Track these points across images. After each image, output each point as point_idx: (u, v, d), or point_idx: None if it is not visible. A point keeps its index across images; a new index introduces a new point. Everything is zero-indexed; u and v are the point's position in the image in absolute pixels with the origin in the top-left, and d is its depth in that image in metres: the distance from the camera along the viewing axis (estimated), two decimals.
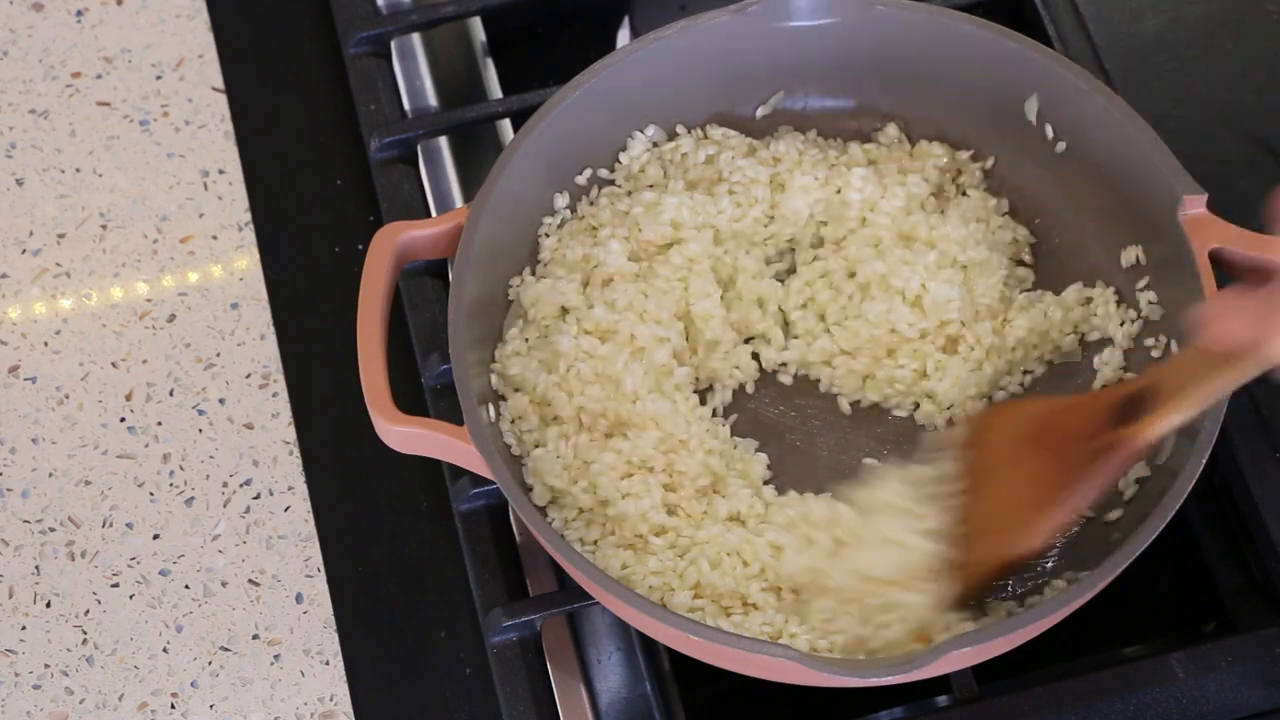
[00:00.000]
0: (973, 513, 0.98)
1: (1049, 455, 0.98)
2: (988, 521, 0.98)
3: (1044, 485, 0.97)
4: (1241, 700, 0.99)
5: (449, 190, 1.18)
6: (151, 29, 1.27)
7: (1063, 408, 1.00)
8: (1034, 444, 0.99)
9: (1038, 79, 1.06)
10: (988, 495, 0.99)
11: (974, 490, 0.99)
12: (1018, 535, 0.97)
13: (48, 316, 1.18)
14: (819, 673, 0.90)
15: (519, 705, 1.00)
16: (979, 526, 0.98)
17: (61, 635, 1.08)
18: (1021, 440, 0.99)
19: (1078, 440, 0.96)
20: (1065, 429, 0.98)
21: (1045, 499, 0.97)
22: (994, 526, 0.98)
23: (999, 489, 0.99)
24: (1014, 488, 0.98)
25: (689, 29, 1.07)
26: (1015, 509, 0.98)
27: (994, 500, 0.98)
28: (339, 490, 1.10)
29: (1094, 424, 0.96)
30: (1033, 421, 1.00)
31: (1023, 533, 0.97)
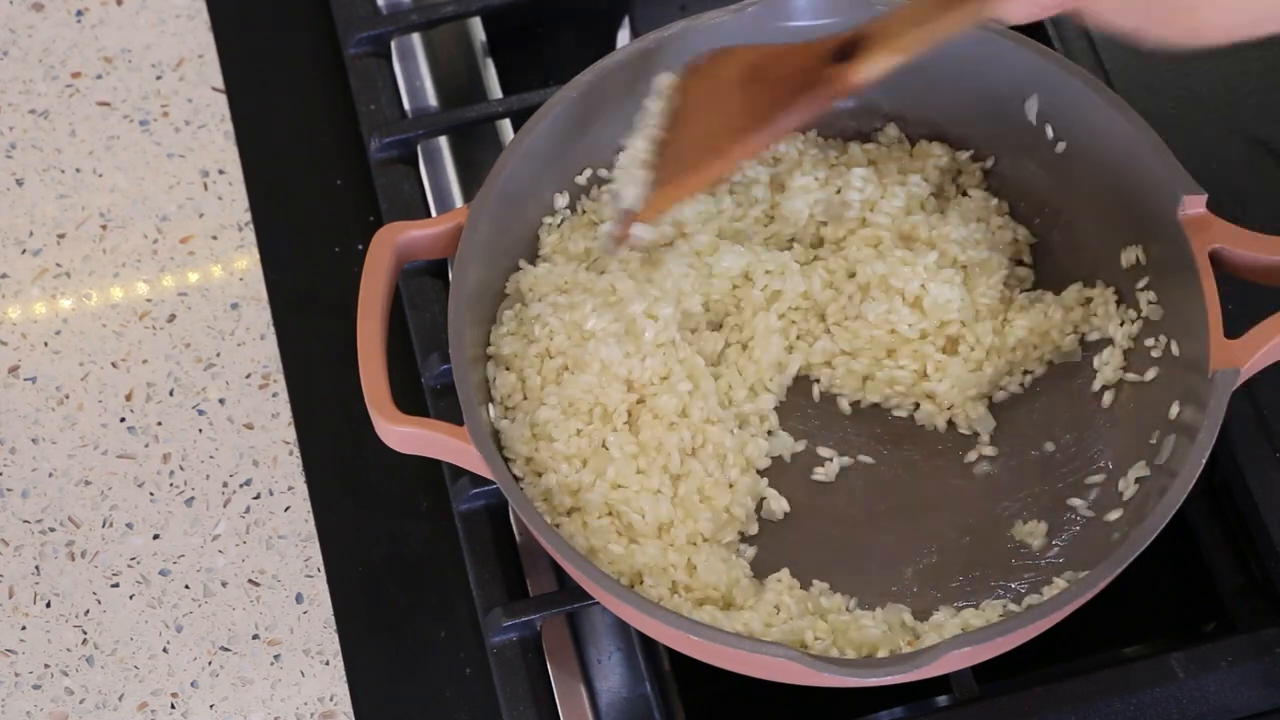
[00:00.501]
0: (677, 138, 1.01)
1: (759, 90, 0.99)
2: (687, 147, 1.00)
3: (748, 114, 0.99)
4: (1241, 700, 0.99)
5: (449, 190, 1.18)
6: (151, 29, 1.27)
7: (777, 52, 1.01)
8: (745, 83, 1.00)
9: (1038, 79, 1.06)
10: (692, 126, 1.01)
11: (680, 123, 1.01)
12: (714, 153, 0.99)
13: (48, 316, 1.18)
14: (819, 673, 0.90)
15: (519, 705, 1.00)
16: (676, 153, 1.00)
17: (61, 635, 1.08)
18: (732, 80, 1.01)
19: (788, 78, 0.98)
20: (777, 70, 0.99)
21: (747, 125, 0.98)
22: (691, 150, 1.00)
23: (704, 119, 1.00)
24: (720, 117, 1.00)
25: (689, 29, 1.07)
26: (719, 132, 0.99)
27: (697, 130, 1.00)
28: (339, 490, 1.10)
29: (807, 65, 0.98)
30: (744, 63, 1.01)
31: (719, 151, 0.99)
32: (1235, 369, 0.95)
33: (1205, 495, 1.07)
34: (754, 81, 0.99)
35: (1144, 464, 1.00)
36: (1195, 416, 0.96)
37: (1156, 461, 1.00)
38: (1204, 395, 0.95)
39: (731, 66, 1.01)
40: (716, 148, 0.99)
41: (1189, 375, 0.99)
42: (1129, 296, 1.05)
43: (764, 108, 0.98)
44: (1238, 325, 0.97)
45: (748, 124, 0.98)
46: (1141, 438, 1.01)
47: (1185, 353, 1.01)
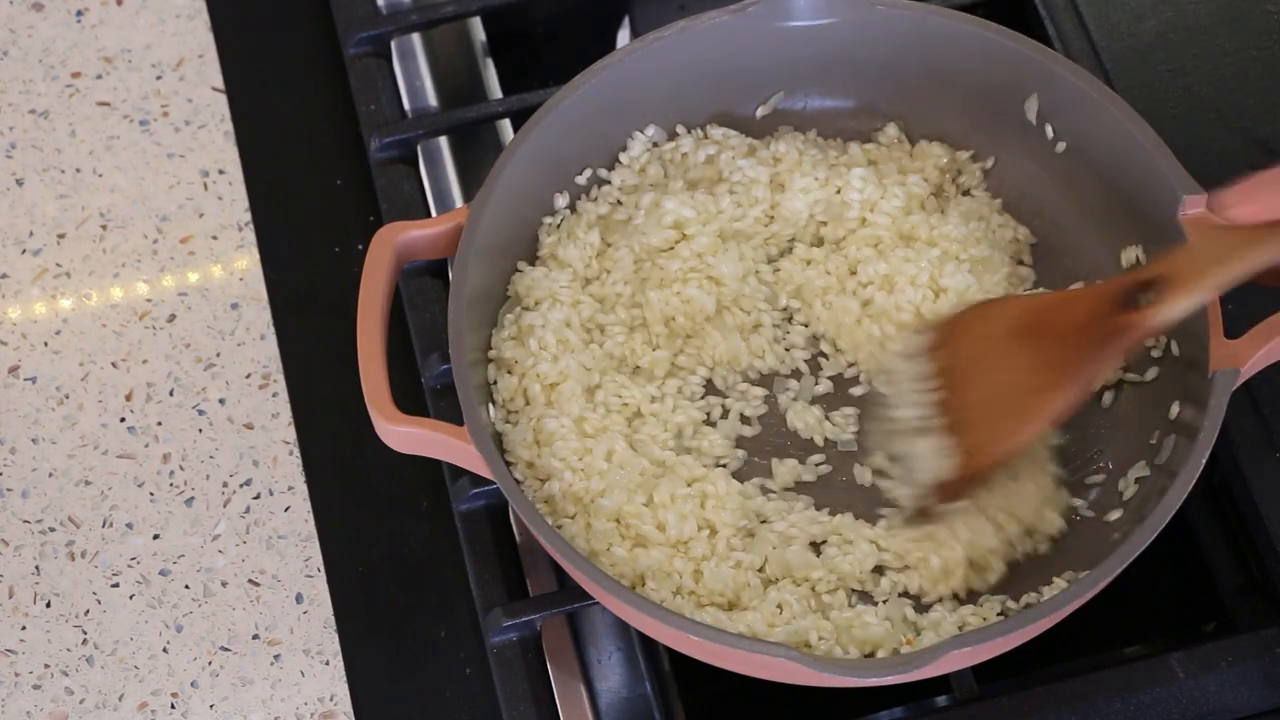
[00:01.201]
0: (961, 404, 0.99)
1: (1045, 344, 0.97)
2: (982, 409, 0.98)
3: (1043, 370, 0.97)
4: (1241, 700, 0.99)
5: (449, 190, 1.18)
6: (151, 29, 1.27)
7: (1058, 300, 1.00)
8: (1025, 336, 0.98)
9: (1038, 79, 1.06)
10: (978, 386, 0.99)
11: (959, 384, 0.99)
12: (1022, 417, 0.97)
13: (48, 316, 1.18)
14: (819, 673, 0.90)
15: (519, 705, 1.00)
16: (971, 416, 0.98)
17: (61, 635, 1.08)
18: (1010, 334, 0.99)
19: (1077, 330, 0.96)
20: (1062, 320, 0.98)
21: (1046, 382, 0.96)
22: (991, 413, 0.98)
23: (991, 379, 0.99)
24: (1010, 375, 0.98)
25: (689, 29, 1.07)
26: (1014, 394, 0.98)
27: (986, 389, 0.98)
28: (339, 490, 1.10)
29: (1096, 313, 0.96)
30: (1022, 315, 1.00)
31: (1026, 414, 0.97)
32: (1235, 369, 0.95)
33: (1205, 495, 1.07)
34: (1036, 335, 0.98)
35: (1144, 464, 1.00)
36: (1195, 416, 0.96)
37: (1156, 461, 1.00)
38: (1204, 395, 0.95)
39: (1001, 321, 1.00)
40: (1019, 410, 0.97)
41: (1189, 375, 0.99)
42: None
43: (1060, 362, 0.96)
44: (1238, 325, 0.97)
45: (1048, 381, 0.96)
46: (1141, 438, 1.01)
47: (1185, 353, 1.01)
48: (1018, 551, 1.01)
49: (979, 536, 1.00)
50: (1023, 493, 1.01)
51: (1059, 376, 0.97)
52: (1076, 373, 0.97)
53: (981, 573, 1.00)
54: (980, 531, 1.00)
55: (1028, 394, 0.97)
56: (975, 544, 1.00)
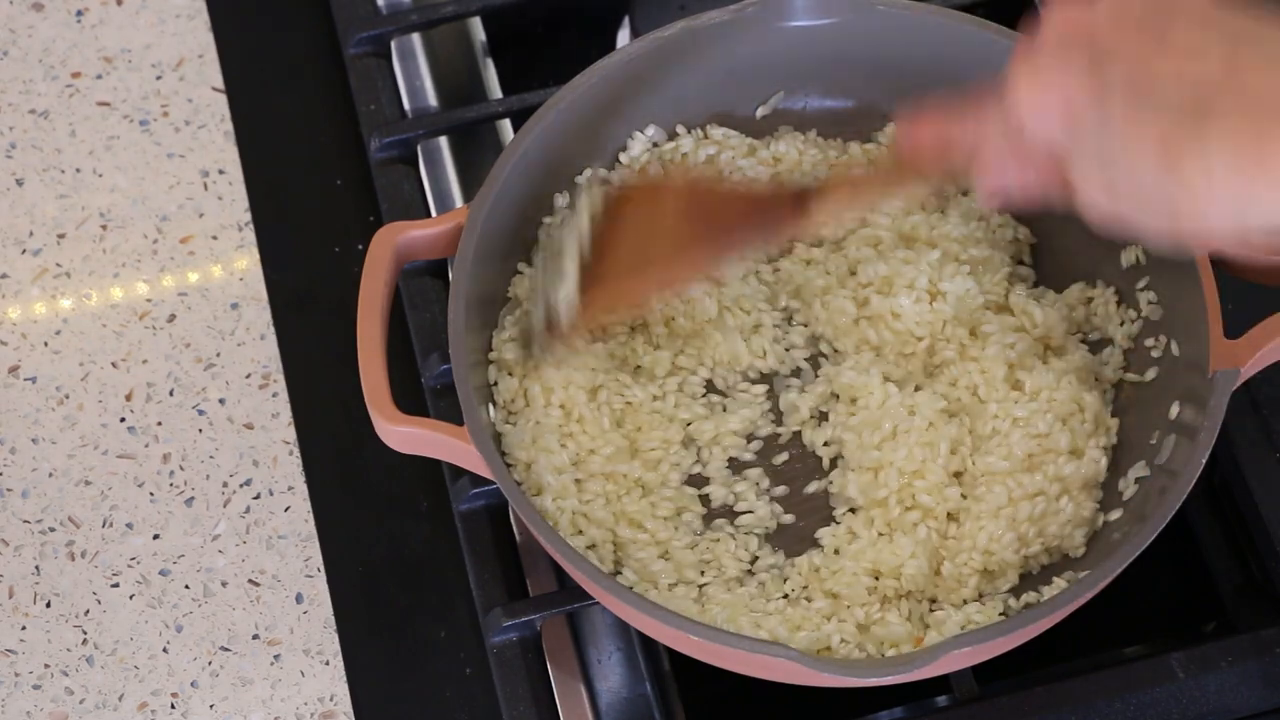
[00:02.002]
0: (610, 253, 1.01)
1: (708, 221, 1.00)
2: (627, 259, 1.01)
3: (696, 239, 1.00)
4: (1241, 700, 0.99)
5: (449, 190, 1.18)
6: (151, 29, 1.27)
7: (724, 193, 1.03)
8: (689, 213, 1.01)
9: None
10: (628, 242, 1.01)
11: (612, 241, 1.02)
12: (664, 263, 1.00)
13: (48, 316, 1.18)
14: (819, 673, 0.90)
15: (519, 705, 1.00)
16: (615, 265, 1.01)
17: (61, 635, 1.08)
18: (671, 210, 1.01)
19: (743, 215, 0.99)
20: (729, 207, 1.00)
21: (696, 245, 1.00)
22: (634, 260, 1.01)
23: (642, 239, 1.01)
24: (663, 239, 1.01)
25: (689, 29, 1.07)
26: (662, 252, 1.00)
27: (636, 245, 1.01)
28: (339, 490, 1.10)
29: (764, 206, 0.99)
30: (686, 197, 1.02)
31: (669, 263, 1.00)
32: (1235, 369, 0.95)
33: (1205, 495, 1.07)
34: (701, 215, 1.00)
35: (1144, 464, 1.00)
36: (1195, 416, 0.96)
37: (1156, 461, 0.99)
38: (1204, 395, 0.95)
39: (669, 199, 1.02)
40: (660, 262, 1.00)
41: (1189, 375, 0.99)
42: (1129, 296, 1.05)
43: (715, 235, 0.99)
44: (1238, 325, 0.97)
45: (696, 245, 0.99)
46: (1141, 438, 1.01)
47: (1185, 353, 1.00)
48: (1035, 566, 1.00)
49: (1000, 550, 0.99)
50: (1060, 512, 1.00)
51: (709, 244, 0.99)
52: (726, 243, 0.99)
53: (993, 579, 1.00)
54: (1003, 545, 1.00)
55: (672, 253, 1.00)
56: (994, 556, 1.00)
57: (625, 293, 1.01)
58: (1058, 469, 1.01)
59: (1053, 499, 1.00)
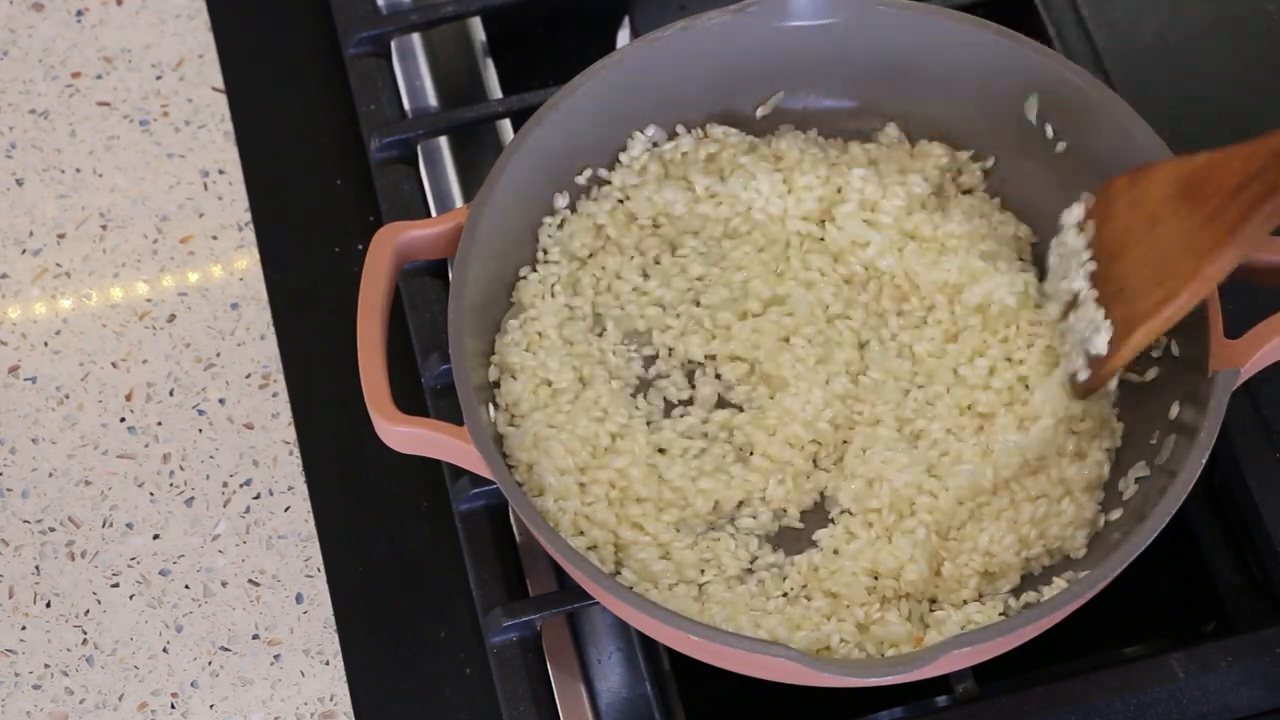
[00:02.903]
0: (1115, 275, 0.98)
1: (1201, 206, 0.94)
2: (1136, 280, 0.97)
3: (1199, 232, 0.94)
4: (1241, 700, 0.99)
5: (449, 190, 1.18)
6: (151, 29, 1.27)
7: (1211, 161, 0.96)
8: (1180, 199, 0.95)
9: (1038, 79, 1.06)
10: (1131, 256, 0.97)
11: (1119, 253, 0.98)
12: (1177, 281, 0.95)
13: (48, 316, 1.18)
14: (819, 673, 0.90)
15: (519, 705, 1.00)
16: (1125, 287, 0.97)
17: (61, 635, 1.08)
18: (1164, 199, 0.96)
19: (1235, 188, 0.93)
20: (1217, 180, 0.94)
21: (1203, 244, 0.93)
22: (1144, 283, 0.96)
23: (1144, 247, 0.96)
24: (1164, 241, 0.95)
25: (689, 29, 1.07)
26: (1168, 260, 0.95)
27: (1139, 259, 0.96)
28: (339, 490, 1.10)
29: (1252, 169, 0.92)
30: (1172, 179, 0.97)
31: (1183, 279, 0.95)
32: (1235, 369, 0.95)
33: (1205, 495, 1.07)
34: (1195, 196, 0.95)
35: (1144, 464, 1.00)
36: (1195, 416, 0.96)
37: (1156, 461, 0.99)
38: (1204, 395, 0.95)
39: (1156, 185, 0.97)
40: (1182, 271, 0.95)
41: (1189, 375, 0.99)
42: None
43: (1224, 219, 0.93)
44: (1238, 325, 0.97)
45: (1212, 239, 0.93)
46: (1141, 438, 1.01)
47: (1185, 353, 1.00)
48: (1036, 567, 1.00)
49: (1001, 552, 0.99)
50: (1062, 514, 1.00)
51: (1217, 237, 0.93)
52: (1236, 231, 0.93)
53: (993, 580, 1.00)
54: (1004, 547, 0.99)
55: (1183, 257, 0.94)
56: (994, 558, 0.99)
57: (1160, 310, 0.96)
58: (1061, 471, 1.01)
59: (1055, 501, 1.00)
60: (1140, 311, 0.97)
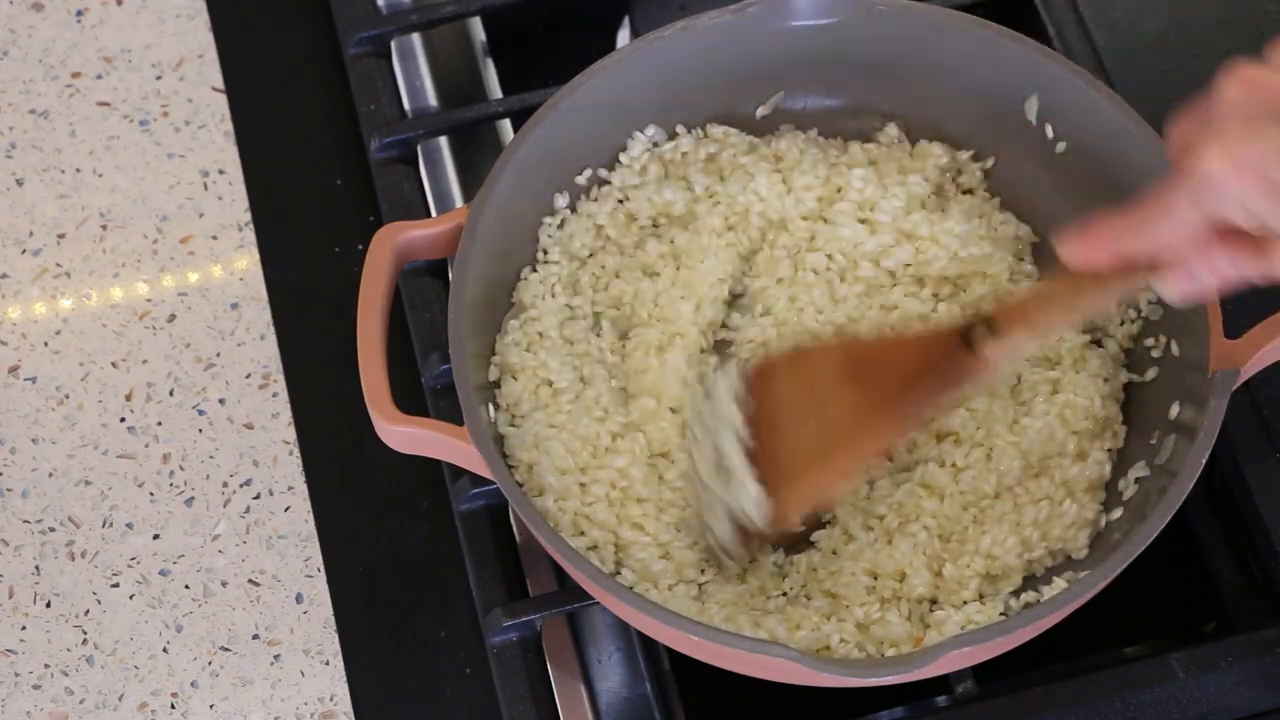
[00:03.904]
0: (779, 442, 0.97)
1: (877, 385, 0.96)
2: (798, 459, 0.97)
3: (871, 409, 0.95)
4: (1241, 700, 0.99)
5: (449, 190, 1.18)
6: (151, 29, 1.27)
7: (892, 343, 0.98)
8: (851, 377, 0.97)
9: (1038, 79, 1.06)
10: (795, 433, 0.97)
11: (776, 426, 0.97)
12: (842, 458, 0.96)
13: (48, 316, 1.18)
14: (819, 673, 0.90)
15: (519, 705, 1.00)
16: (785, 465, 0.96)
17: (61, 635, 1.08)
18: (832, 376, 0.97)
19: (913, 370, 0.95)
20: (896, 361, 0.96)
21: (873, 420, 0.95)
22: (806, 462, 0.96)
23: (810, 425, 0.97)
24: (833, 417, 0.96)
25: (689, 29, 1.07)
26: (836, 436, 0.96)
27: (804, 437, 0.97)
28: (339, 490, 1.10)
29: (933, 352, 0.94)
30: (842, 359, 0.98)
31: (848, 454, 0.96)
32: (1235, 369, 0.95)
33: (1205, 495, 1.07)
34: (866, 375, 0.96)
35: (1144, 464, 1.00)
36: (1195, 416, 0.96)
37: (1156, 461, 1.00)
38: (1204, 395, 0.95)
39: (824, 363, 0.98)
40: (842, 440, 0.96)
41: (1189, 375, 0.99)
42: (1128, 296, 1.05)
43: (890, 396, 0.95)
44: (1238, 325, 0.97)
45: (873, 411, 0.95)
46: (1141, 438, 1.01)
47: (1185, 353, 1.01)
48: (1038, 568, 1.00)
49: (1004, 554, 0.99)
50: (1064, 515, 1.00)
51: (889, 414, 0.95)
52: (908, 410, 0.95)
53: (995, 582, 1.00)
54: (1007, 549, 0.99)
55: (848, 429, 0.96)
56: (997, 560, 0.99)
57: (815, 484, 0.97)
58: (1063, 473, 1.01)
59: (1057, 503, 1.00)
60: (795, 478, 0.97)
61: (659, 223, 1.10)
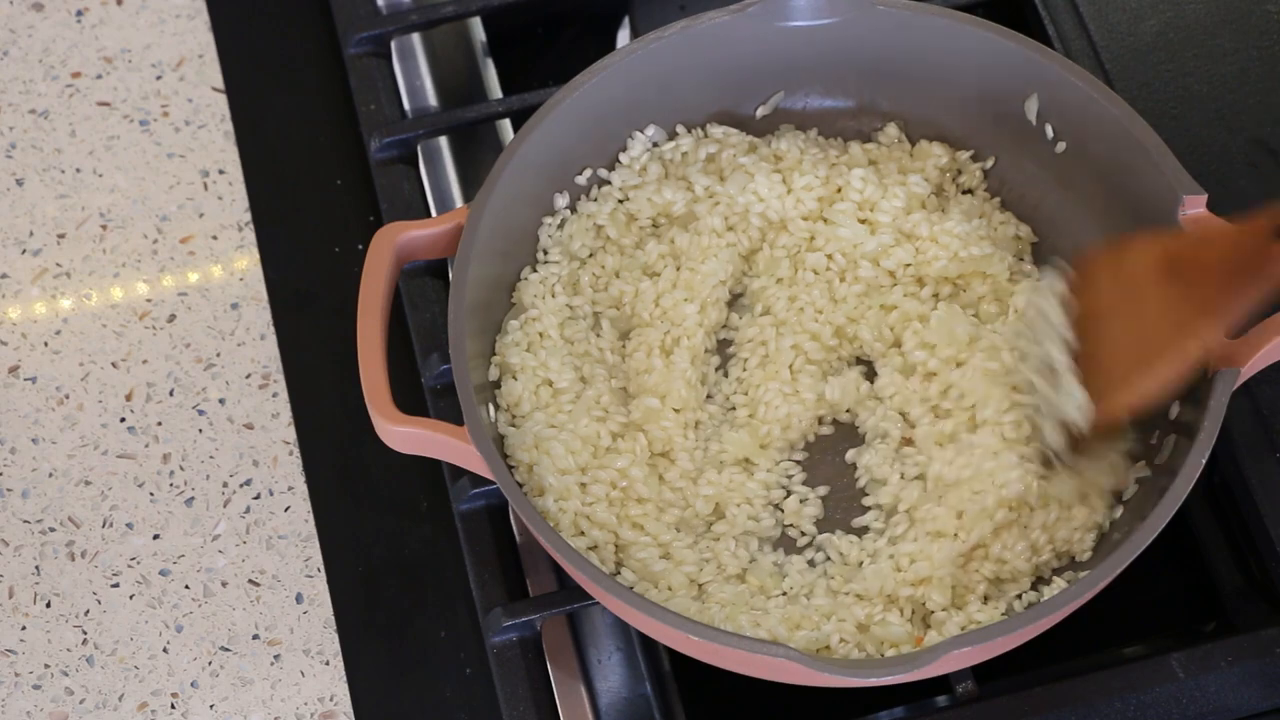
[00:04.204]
0: (1099, 352, 0.97)
1: (1190, 282, 0.95)
2: (1120, 357, 0.97)
3: (1187, 307, 0.95)
4: (1241, 700, 0.99)
5: (449, 190, 1.18)
6: (151, 29, 1.27)
7: (1202, 237, 0.97)
8: (1169, 275, 0.96)
9: (1038, 79, 1.06)
10: (1115, 333, 0.97)
11: (1099, 326, 0.98)
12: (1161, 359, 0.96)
13: (48, 316, 1.18)
14: (819, 673, 0.90)
15: (519, 705, 1.00)
16: (1107, 364, 0.97)
17: (61, 635, 1.08)
18: (1152, 275, 0.97)
19: (1225, 265, 0.94)
20: (1208, 256, 0.96)
21: (1189, 318, 0.95)
22: (1127, 361, 0.97)
23: (1129, 324, 0.97)
24: (1150, 317, 0.96)
25: (689, 29, 1.07)
26: (1154, 337, 0.96)
27: (1124, 336, 0.97)
28: (339, 490, 1.10)
29: (1243, 246, 0.94)
30: (1156, 256, 0.98)
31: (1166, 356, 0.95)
32: (1235, 369, 0.95)
33: (1205, 495, 1.07)
34: (1181, 272, 0.96)
35: (1144, 464, 1.00)
36: (1195, 416, 0.96)
37: (1156, 461, 1.00)
38: (1204, 395, 0.95)
39: (1140, 261, 0.98)
40: (1164, 344, 0.96)
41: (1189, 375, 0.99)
42: None
43: (1205, 298, 0.95)
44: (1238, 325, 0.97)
45: (1194, 313, 0.95)
46: (1142, 438, 1.01)
47: None
48: (1045, 570, 1.00)
49: (1013, 559, 0.99)
50: (1073, 518, 1.00)
51: (1204, 311, 0.95)
52: (1223, 306, 0.95)
53: (1001, 584, 1.00)
54: (1016, 553, 0.99)
55: (1170, 332, 0.95)
56: (1006, 565, 0.99)
57: (1137, 387, 0.97)
58: None
59: (1066, 507, 1.00)
60: (1117, 382, 0.97)
61: (659, 223, 1.10)
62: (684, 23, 1.07)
